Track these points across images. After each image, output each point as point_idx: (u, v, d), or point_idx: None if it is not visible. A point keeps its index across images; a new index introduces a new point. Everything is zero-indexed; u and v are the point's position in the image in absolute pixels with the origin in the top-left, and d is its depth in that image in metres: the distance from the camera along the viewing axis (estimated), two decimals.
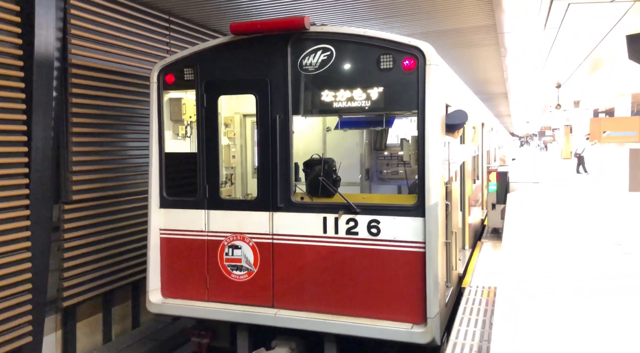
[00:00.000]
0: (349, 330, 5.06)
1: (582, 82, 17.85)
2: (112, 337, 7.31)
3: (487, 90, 19.67)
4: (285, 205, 5.38)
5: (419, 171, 4.99)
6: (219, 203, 5.68)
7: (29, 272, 5.60)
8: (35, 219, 5.67)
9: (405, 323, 4.98)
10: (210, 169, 5.70)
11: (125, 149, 7.18)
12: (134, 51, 7.16)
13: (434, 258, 4.86)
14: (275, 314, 5.32)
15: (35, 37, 5.55)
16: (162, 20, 7.69)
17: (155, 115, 5.86)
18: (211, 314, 5.59)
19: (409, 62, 4.95)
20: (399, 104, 5.21)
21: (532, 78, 16.73)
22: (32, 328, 5.66)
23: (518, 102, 26.38)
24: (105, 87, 6.71)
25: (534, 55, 12.33)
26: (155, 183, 5.84)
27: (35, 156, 5.64)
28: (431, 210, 4.87)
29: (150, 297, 5.80)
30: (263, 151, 5.48)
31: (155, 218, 5.83)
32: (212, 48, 5.66)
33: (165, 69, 5.83)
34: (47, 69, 5.75)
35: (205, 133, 5.68)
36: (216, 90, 5.68)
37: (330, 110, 5.36)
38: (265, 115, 5.43)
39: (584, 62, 13.73)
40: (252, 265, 5.54)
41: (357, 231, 5.17)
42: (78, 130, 6.32)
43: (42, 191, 5.74)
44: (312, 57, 5.25)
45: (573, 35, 9.96)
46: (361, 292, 5.16)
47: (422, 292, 4.91)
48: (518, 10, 8.00)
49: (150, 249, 5.82)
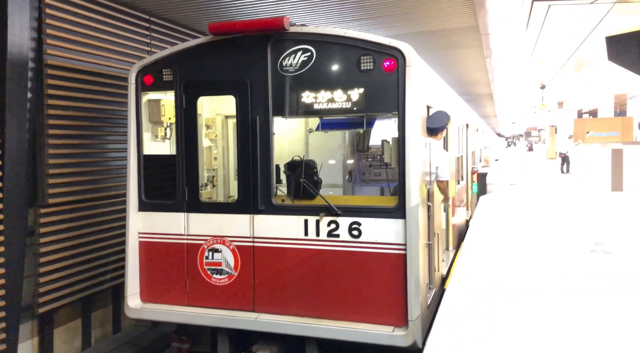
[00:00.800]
0: (330, 333, 5.01)
1: (566, 83, 18.04)
2: (91, 342, 7.17)
3: (472, 91, 19.78)
4: (266, 208, 5.32)
5: (400, 173, 4.96)
6: (198, 206, 5.59)
7: (2, 278, 5.45)
8: (9, 223, 5.52)
9: (386, 326, 4.94)
10: (190, 171, 5.61)
11: (104, 151, 7.06)
12: (113, 51, 7.04)
13: (415, 260, 4.82)
14: (256, 318, 5.25)
15: (8, 36, 5.41)
16: (142, 21, 7.58)
17: (133, 116, 5.76)
18: (191, 319, 5.50)
19: (389, 63, 4.92)
20: (380, 105, 5.18)
21: (516, 79, 16.86)
22: (5, 335, 5.52)
23: (503, 103, 26.59)
24: (83, 88, 6.58)
25: (518, 57, 12.41)
26: (133, 186, 5.73)
27: (8, 159, 5.50)
28: (412, 212, 4.84)
29: (128, 301, 5.69)
30: (243, 153, 5.41)
31: (133, 222, 5.73)
32: (191, 48, 5.58)
33: (144, 70, 5.73)
34: (21, 69, 5.61)
35: (185, 135, 5.59)
36: (195, 91, 5.60)
37: (311, 111, 5.31)
38: (246, 117, 5.36)
39: (567, 63, 13.86)
40: (233, 269, 5.46)
41: (338, 233, 5.12)
42: (54, 132, 6.19)
43: (16, 194, 5.60)
44: (292, 58, 5.20)
45: (555, 36, 10.05)
46: (343, 295, 5.11)
47: (404, 294, 4.88)
48: (500, 11, 8.03)
49: (128, 253, 5.71)
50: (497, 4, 7.65)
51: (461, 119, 9.26)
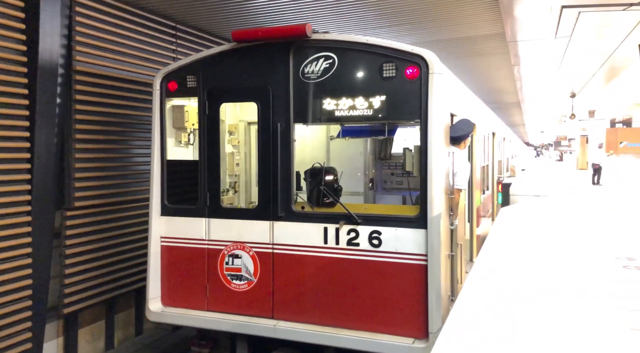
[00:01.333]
0: (349, 343, 4.95)
1: (598, 91, 17.57)
2: (114, 344, 7.28)
3: (499, 100, 19.46)
4: (285, 215, 5.31)
5: (422, 182, 4.88)
6: (219, 212, 5.63)
7: (29, 278, 5.58)
8: (36, 225, 5.66)
9: (406, 337, 4.86)
10: (212, 177, 5.65)
11: (128, 155, 7.18)
12: (139, 58, 7.18)
13: (436, 271, 4.73)
14: (275, 326, 5.23)
15: (39, 43, 5.57)
16: (168, 28, 7.72)
17: (157, 122, 5.84)
18: (210, 324, 5.52)
19: (412, 71, 4.86)
20: (402, 113, 5.13)
21: (545, 87, 16.50)
22: (32, 334, 5.64)
23: (531, 111, 26.08)
24: (110, 93, 6.72)
25: (546, 64, 12.14)
26: (156, 190, 5.81)
27: (37, 162, 5.65)
28: (433, 222, 4.75)
29: (150, 305, 5.76)
30: (264, 159, 5.42)
31: (155, 226, 5.80)
32: (214, 55, 5.64)
33: (168, 76, 5.82)
34: (51, 75, 5.77)
35: (207, 140, 5.65)
36: (218, 97, 5.65)
37: (332, 118, 5.29)
38: (267, 123, 5.38)
39: (598, 71, 13.50)
40: (252, 275, 5.47)
41: (358, 242, 5.07)
42: (81, 137, 6.33)
43: (44, 197, 5.74)
44: (314, 65, 5.20)
45: (586, 43, 9.79)
46: (362, 304, 5.05)
47: (424, 306, 4.79)
48: (528, 18, 7.88)
49: (150, 257, 5.78)
50: (525, 11, 7.51)
51: (487, 127, 9.10)
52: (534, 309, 1.99)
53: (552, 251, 3.01)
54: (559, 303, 2.05)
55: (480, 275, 2.45)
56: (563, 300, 2.08)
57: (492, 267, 2.64)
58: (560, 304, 2.03)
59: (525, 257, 2.86)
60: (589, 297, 2.12)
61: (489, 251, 2.97)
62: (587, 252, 2.95)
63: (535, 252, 2.97)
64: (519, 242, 3.28)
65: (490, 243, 3.16)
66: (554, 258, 2.84)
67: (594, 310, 1.95)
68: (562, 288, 2.25)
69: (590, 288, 2.26)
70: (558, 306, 2.01)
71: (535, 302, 2.06)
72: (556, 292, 2.20)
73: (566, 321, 1.83)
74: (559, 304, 2.04)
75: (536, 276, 2.46)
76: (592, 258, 2.79)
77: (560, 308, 1.99)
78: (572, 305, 2.02)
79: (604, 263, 2.65)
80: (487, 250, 2.99)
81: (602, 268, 2.58)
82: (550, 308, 1.99)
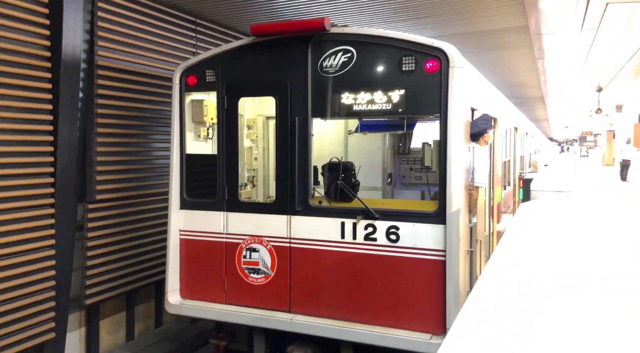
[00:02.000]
0: (366, 338, 4.93)
1: (625, 85, 17.09)
2: (134, 335, 7.40)
3: (523, 94, 19.10)
4: (303, 209, 5.30)
5: (441, 177, 4.82)
6: (237, 206, 5.65)
7: (52, 270, 5.71)
8: (59, 218, 5.77)
9: (424, 333, 4.82)
10: (230, 171, 5.68)
11: (149, 149, 7.27)
12: (160, 53, 7.24)
13: (454, 267, 4.68)
14: (292, 319, 5.24)
15: (62, 39, 5.66)
16: (188, 22, 7.76)
17: (177, 116, 5.89)
18: (228, 317, 5.56)
19: (432, 64, 4.79)
20: (421, 107, 5.06)
21: (570, 81, 16.13)
22: (55, 324, 5.77)
23: (556, 106, 25.53)
24: (131, 88, 6.80)
25: (572, 58, 11.85)
26: (175, 184, 5.86)
27: (60, 155, 5.75)
28: (452, 218, 4.69)
29: (169, 297, 5.83)
30: (282, 154, 5.42)
31: (175, 219, 5.86)
32: (233, 50, 5.65)
33: (188, 71, 5.86)
34: (74, 70, 5.86)
35: (226, 135, 5.67)
36: (237, 92, 5.67)
37: (351, 112, 5.25)
38: (285, 118, 5.37)
39: (626, 65, 13.12)
40: (270, 269, 5.48)
41: (375, 237, 5.04)
42: (103, 131, 6.43)
43: (67, 190, 5.85)
44: (332, 59, 5.16)
45: (613, 36, 9.51)
46: (379, 299, 5.02)
47: (442, 301, 4.75)
48: (553, 10, 7.69)
49: (169, 250, 5.84)
50: (550, 3, 7.32)
51: (508, 122, 8.94)
52: (550, 305, 1.94)
53: (571, 246, 2.93)
54: (576, 299, 1.99)
55: (496, 269, 2.40)
56: (580, 297, 2.02)
57: (508, 262, 2.58)
58: (578, 300, 1.98)
59: (543, 252, 2.79)
60: (608, 293, 2.06)
61: (506, 246, 2.91)
62: (608, 248, 2.86)
63: (553, 248, 2.90)
64: (538, 237, 3.20)
65: (507, 238, 3.10)
66: (572, 254, 2.77)
67: (613, 307, 1.89)
68: (579, 284, 2.19)
69: (609, 284, 2.19)
70: (575, 302, 1.96)
71: (551, 298, 2.01)
72: (573, 287, 2.14)
73: (583, 317, 1.78)
74: (576, 300, 1.98)
75: (552, 271, 2.40)
76: (613, 255, 2.71)
77: (578, 304, 1.93)
78: (590, 301, 1.97)
79: (625, 261, 2.57)
80: (505, 245, 2.93)
81: (622, 265, 2.51)
82: (567, 304, 1.94)
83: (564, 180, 11.48)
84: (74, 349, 6.51)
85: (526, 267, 2.50)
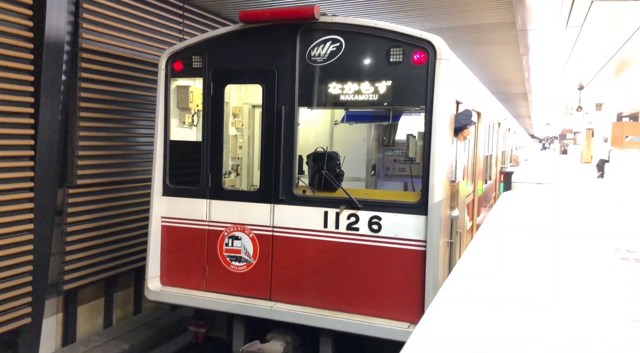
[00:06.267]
0: (345, 326, 4.98)
1: (606, 84, 17.39)
2: (113, 322, 7.35)
3: (506, 90, 19.31)
4: (286, 198, 5.31)
5: (424, 168, 4.87)
6: (221, 193, 5.63)
7: (30, 254, 5.62)
8: (39, 202, 5.68)
9: (402, 322, 4.89)
10: (214, 159, 5.65)
11: (132, 135, 7.18)
12: (146, 38, 7.12)
13: (434, 258, 4.74)
14: (272, 307, 5.27)
15: (46, 20, 5.53)
16: (176, 8, 7.64)
17: (162, 102, 5.82)
18: (208, 304, 5.56)
19: (419, 56, 4.82)
20: (407, 99, 5.10)
21: (553, 78, 16.34)
22: (31, 309, 5.70)
23: (538, 103, 25.87)
24: (115, 72, 6.69)
25: (556, 55, 12.00)
26: (158, 170, 5.81)
27: (41, 139, 5.65)
28: (434, 209, 4.75)
29: (149, 284, 5.80)
30: (267, 142, 5.41)
31: (157, 206, 5.81)
32: (221, 36, 5.59)
33: (174, 56, 5.79)
34: (57, 53, 5.74)
35: (211, 122, 5.63)
36: (223, 79, 5.62)
37: (337, 102, 5.26)
38: (271, 106, 5.35)
39: (608, 63, 13.33)
40: (251, 257, 5.49)
41: (358, 227, 5.08)
42: (85, 115, 6.32)
43: (47, 174, 5.75)
44: (321, 48, 5.15)
45: (596, 34, 9.65)
46: (360, 288, 5.07)
47: (422, 291, 4.82)
48: (539, 7, 7.76)
49: (150, 237, 5.80)
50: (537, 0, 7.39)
51: (492, 117, 9.04)
52: (525, 294, 1.98)
53: (550, 238, 3.00)
54: (553, 291, 2.04)
55: (472, 259, 2.44)
56: (557, 288, 2.07)
57: (486, 252, 2.63)
58: (555, 292, 2.03)
59: (521, 242, 2.85)
60: (584, 287, 2.11)
61: (485, 234, 2.96)
62: (585, 242, 2.94)
63: (531, 238, 2.96)
64: (516, 228, 3.27)
65: (487, 226, 3.15)
66: (550, 245, 2.83)
67: (589, 300, 1.94)
68: (556, 276, 2.25)
69: (586, 278, 2.25)
70: (552, 294, 2.01)
71: (527, 287, 2.06)
72: (550, 279, 2.19)
73: (559, 310, 1.83)
74: (553, 292, 2.03)
75: (530, 262, 2.46)
76: (591, 249, 2.78)
77: (555, 296, 1.98)
78: (567, 294, 2.02)
79: (602, 254, 2.64)
80: (484, 232, 2.98)
81: (600, 259, 2.57)
82: (543, 295, 1.99)
83: (544, 174, 11.69)
84: (50, 335, 6.45)
85: (504, 255, 2.55)
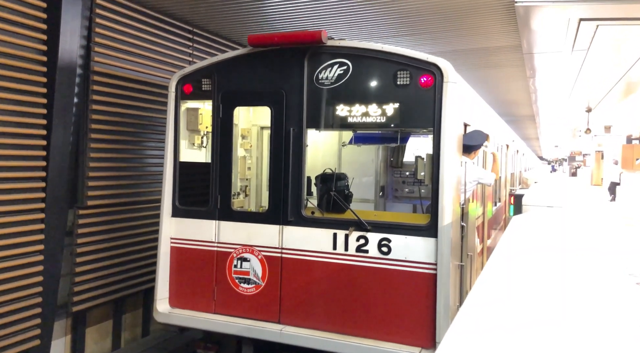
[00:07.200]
0: (355, 351, 4.92)
1: (614, 106, 17.37)
2: (121, 344, 7.30)
3: (514, 112, 19.33)
4: (295, 219, 5.31)
5: (433, 191, 4.86)
6: (229, 215, 5.64)
7: (40, 275, 5.64)
8: (49, 223, 5.72)
9: (413, 347, 4.82)
10: (223, 180, 5.68)
11: (142, 156, 7.25)
12: (156, 61, 7.26)
13: (445, 281, 4.70)
14: (281, 331, 5.21)
15: (59, 44, 5.66)
16: (185, 32, 7.81)
17: (171, 124, 5.90)
18: (217, 327, 5.52)
19: (426, 79, 4.86)
20: (415, 121, 5.13)
21: (560, 101, 16.36)
22: (40, 331, 5.68)
23: (546, 125, 25.85)
24: (126, 95, 6.80)
25: (562, 78, 12.04)
26: (168, 191, 5.85)
27: (53, 160, 5.72)
28: (444, 231, 4.72)
29: (157, 306, 5.77)
30: (275, 163, 5.44)
31: (166, 227, 5.83)
32: (229, 59, 5.69)
33: (184, 79, 5.88)
34: (70, 75, 5.86)
35: (220, 143, 5.68)
36: (232, 101, 5.69)
37: (345, 124, 5.31)
38: (280, 128, 5.40)
39: (615, 86, 13.34)
40: (260, 279, 5.46)
41: (367, 249, 5.05)
42: (97, 137, 6.41)
43: (57, 195, 5.81)
44: (328, 71, 5.22)
45: (603, 57, 9.69)
46: (370, 312, 5.02)
47: (432, 315, 4.75)
48: (545, 31, 7.83)
49: (160, 258, 5.80)
50: (542, 23, 7.46)
51: (500, 139, 9.05)
52: (541, 320, 1.96)
53: (563, 262, 2.97)
54: (567, 315, 2.02)
55: (487, 284, 2.42)
56: (573, 316, 2.04)
57: (501, 275, 2.61)
58: (568, 316, 2.00)
59: (535, 267, 2.82)
60: (600, 314, 2.08)
61: (499, 258, 2.94)
62: (600, 267, 2.90)
63: (545, 262, 2.93)
64: (529, 252, 3.24)
65: (500, 250, 3.13)
66: (564, 269, 2.80)
67: (607, 328, 1.91)
68: (572, 303, 2.22)
69: (601, 305, 2.22)
70: (566, 317, 1.98)
71: (542, 313, 2.03)
72: (567, 307, 2.17)
73: (576, 337, 1.80)
74: (566, 315, 2.01)
75: (544, 287, 2.43)
76: (605, 274, 2.75)
77: (571, 323, 1.95)
78: (583, 321, 1.99)
79: (617, 280, 2.61)
80: (497, 257, 2.96)
81: (615, 284, 2.54)
82: (558, 319, 1.96)
83: (554, 197, 11.63)
84: None
85: (518, 280, 2.52)
